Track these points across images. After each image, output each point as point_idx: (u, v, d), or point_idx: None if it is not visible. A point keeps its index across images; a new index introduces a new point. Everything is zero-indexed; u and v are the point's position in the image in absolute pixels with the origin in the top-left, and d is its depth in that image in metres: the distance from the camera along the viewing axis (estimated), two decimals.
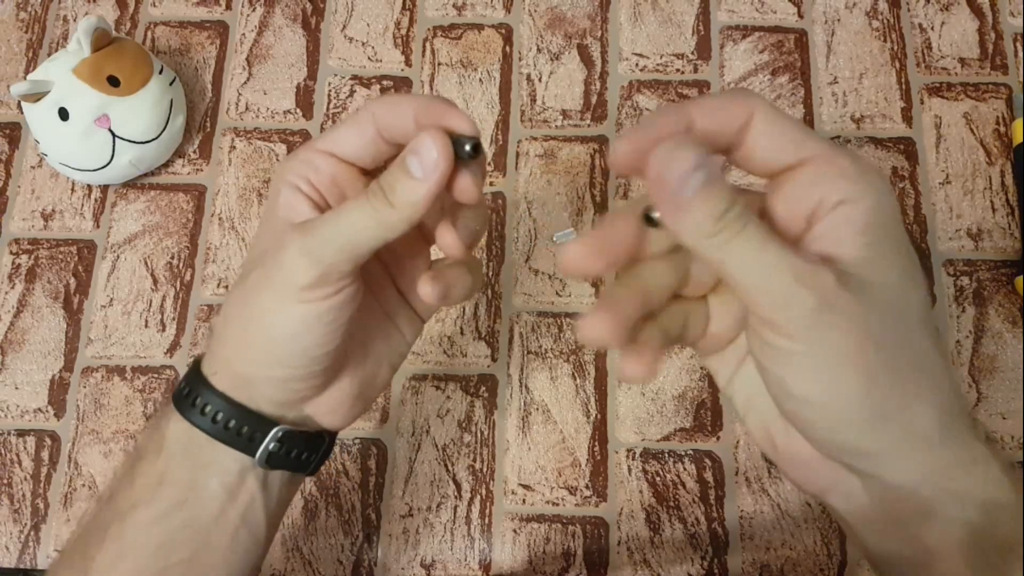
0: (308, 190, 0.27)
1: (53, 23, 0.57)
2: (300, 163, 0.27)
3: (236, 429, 0.28)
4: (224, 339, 0.28)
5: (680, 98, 0.54)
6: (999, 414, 0.47)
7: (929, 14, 0.55)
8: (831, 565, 0.45)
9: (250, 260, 0.28)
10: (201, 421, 0.28)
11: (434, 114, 0.25)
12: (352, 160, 0.27)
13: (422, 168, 0.25)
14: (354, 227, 0.25)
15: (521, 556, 0.46)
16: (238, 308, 0.27)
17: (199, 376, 0.28)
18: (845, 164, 0.22)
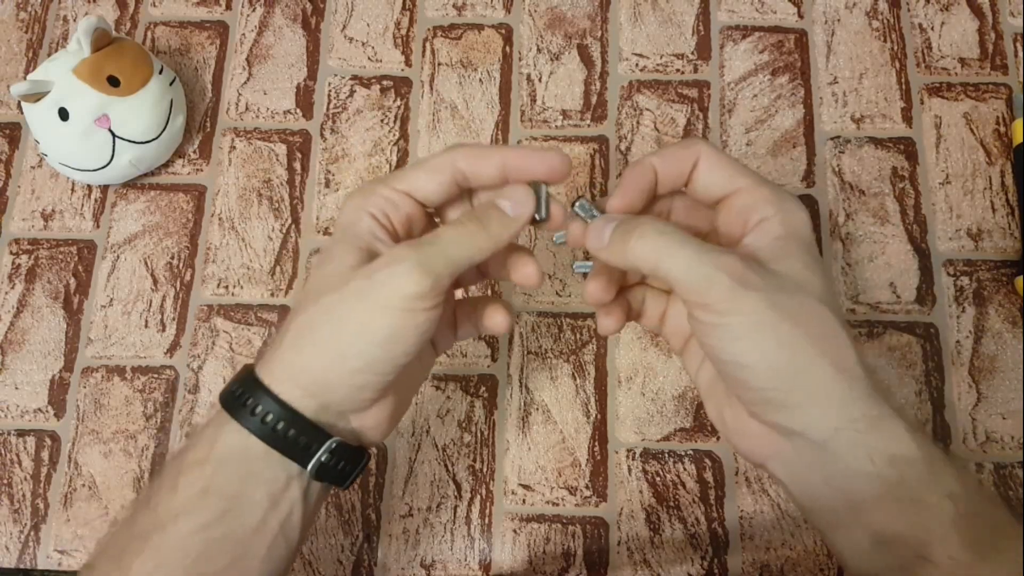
0: (387, 223, 0.31)
1: (53, 23, 0.57)
2: (383, 199, 0.30)
3: (294, 438, 0.28)
4: (302, 346, 0.29)
5: (680, 98, 0.54)
6: (999, 414, 0.47)
7: (929, 14, 0.55)
8: (831, 565, 0.45)
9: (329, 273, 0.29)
10: (259, 428, 0.28)
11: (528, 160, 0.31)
12: (423, 201, 0.31)
13: (512, 207, 0.30)
14: (458, 246, 0.29)
15: (521, 556, 0.46)
16: (330, 314, 0.28)
17: (257, 383, 0.29)
18: (766, 192, 0.30)
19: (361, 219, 0.30)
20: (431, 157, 0.31)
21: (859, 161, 0.52)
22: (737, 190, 0.30)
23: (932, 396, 0.48)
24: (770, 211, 0.29)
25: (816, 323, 0.27)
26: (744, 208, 0.30)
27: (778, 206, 0.29)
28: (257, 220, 0.52)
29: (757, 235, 0.29)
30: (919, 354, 0.49)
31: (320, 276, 0.30)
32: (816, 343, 0.27)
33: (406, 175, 0.31)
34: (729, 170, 0.30)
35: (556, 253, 0.51)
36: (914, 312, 0.49)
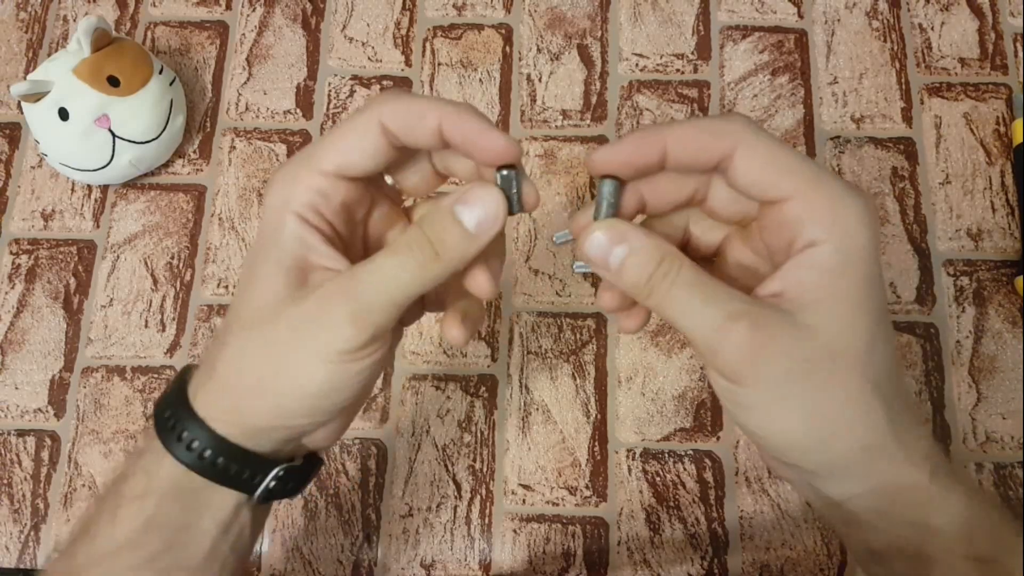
0: (319, 222, 0.25)
1: (53, 23, 0.57)
2: (306, 191, 0.25)
3: (237, 472, 0.26)
4: (232, 389, 0.26)
5: (680, 98, 0.54)
6: (999, 414, 0.47)
7: (929, 14, 0.55)
8: (831, 565, 0.45)
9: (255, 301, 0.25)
10: (199, 464, 0.26)
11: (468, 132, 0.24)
12: (360, 175, 0.25)
13: (477, 224, 0.24)
14: (399, 284, 0.24)
15: (521, 556, 0.46)
16: (261, 363, 0.25)
17: (192, 416, 0.26)
18: (819, 205, 0.23)
19: (285, 223, 0.25)
20: (353, 117, 0.25)
21: (859, 161, 0.52)
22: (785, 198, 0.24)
23: (932, 396, 0.48)
24: (821, 233, 0.23)
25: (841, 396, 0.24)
26: (790, 223, 0.24)
27: (833, 226, 0.23)
28: (257, 220, 0.52)
29: (800, 267, 0.24)
30: (919, 354, 0.49)
31: (247, 303, 0.26)
32: (836, 419, 0.24)
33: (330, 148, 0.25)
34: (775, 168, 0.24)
35: (556, 253, 0.51)
36: (914, 312, 0.49)
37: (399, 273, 0.24)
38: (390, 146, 0.25)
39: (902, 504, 0.25)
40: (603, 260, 0.25)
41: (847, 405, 0.24)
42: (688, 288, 0.24)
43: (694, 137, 0.25)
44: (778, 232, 0.25)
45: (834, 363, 0.23)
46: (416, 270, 0.24)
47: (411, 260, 0.24)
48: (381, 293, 0.24)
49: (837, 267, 0.23)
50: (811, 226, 0.24)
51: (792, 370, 0.23)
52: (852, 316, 0.24)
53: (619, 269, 0.25)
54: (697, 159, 0.25)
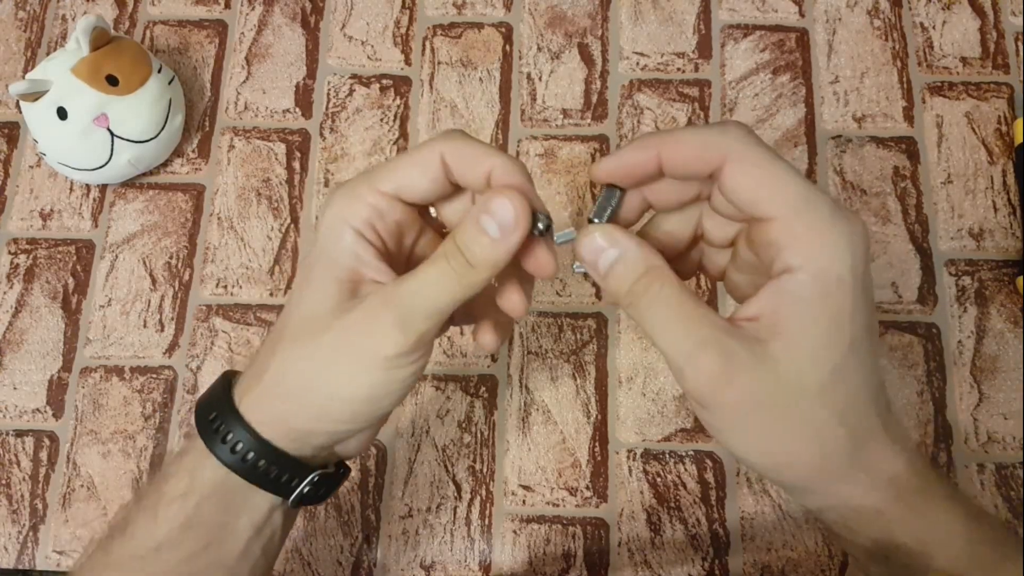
0: (373, 238, 0.27)
1: (52, 22, 0.57)
2: (365, 207, 0.26)
3: (276, 474, 0.28)
4: (279, 395, 0.27)
5: (681, 97, 0.54)
6: (1001, 414, 0.47)
7: (930, 13, 0.55)
8: (832, 566, 0.45)
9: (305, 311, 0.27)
10: (237, 463, 0.27)
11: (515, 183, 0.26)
12: (413, 201, 0.27)
13: (499, 228, 0.25)
14: (440, 292, 0.26)
15: (521, 557, 0.46)
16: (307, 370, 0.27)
17: (235, 414, 0.28)
18: (800, 231, 0.24)
19: (342, 236, 0.26)
20: (417, 149, 0.27)
21: (861, 160, 0.52)
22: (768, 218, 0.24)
23: (934, 396, 0.48)
24: (797, 261, 0.24)
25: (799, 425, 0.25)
26: (771, 244, 0.24)
27: (811, 254, 0.24)
28: (256, 220, 0.52)
29: (774, 293, 0.24)
30: (921, 354, 0.48)
31: (299, 312, 0.27)
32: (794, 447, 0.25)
33: (391, 172, 0.27)
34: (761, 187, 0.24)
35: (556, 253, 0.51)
36: (916, 312, 0.49)
37: (440, 280, 0.26)
38: (445, 179, 0.27)
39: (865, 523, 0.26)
40: (594, 261, 0.27)
41: (803, 435, 0.25)
42: (666, 306, 0.25)
43: (685, 149, 0.25)
44: (761, 250, 0.25)
45: (793, 396, 0.24)
46: (455, 278, 0.25)
47: (449, 269, 0.26)
48: (426, 299, 0.26)
49: (809, 298, 0.24)
50: (789, 252, 0.24)
51: (753, 401, 0.24)
52: (818, 349, 0.24)
53: (607, 273, 0.26)
54: (690, 169, 0.26)
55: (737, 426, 0.25)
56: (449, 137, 0.27)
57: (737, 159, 0.24)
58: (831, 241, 0.23)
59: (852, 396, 0.25)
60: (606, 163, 0.27)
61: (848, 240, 0.24)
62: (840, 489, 0.26)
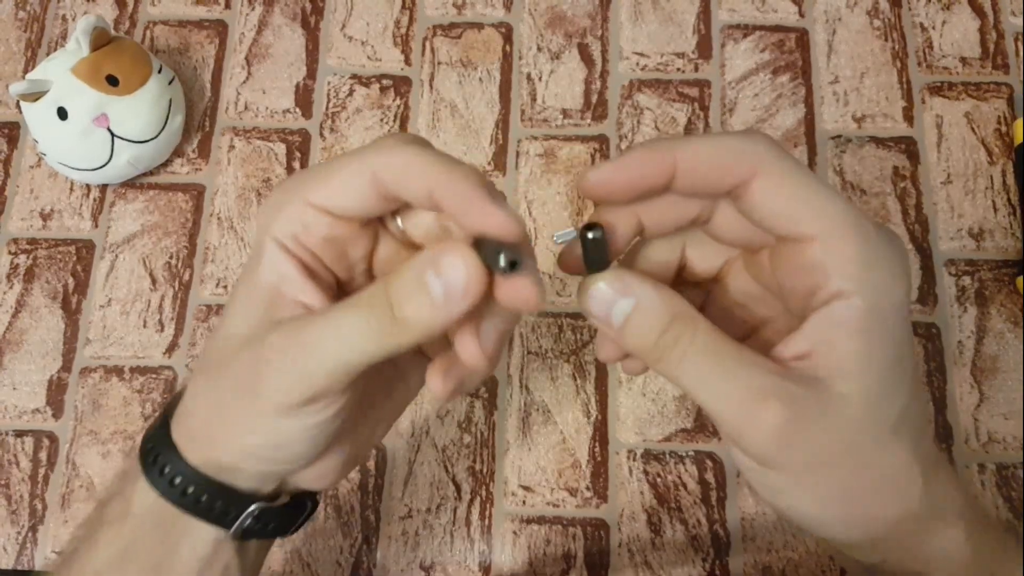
0: (297, 250, 0.23)
1: (52, 22, 0.57)
2: (288, 220, 0.23)
3: (208, 504, 0.24)
4: (195, 428, 0.25)
5: (681, 97, 0.54)
6: (1001, 415, 0.47)
7: (930, 13, 0.55)
8: (833, 567, 0.45)
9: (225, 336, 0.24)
10: (171, 493, 0.24)
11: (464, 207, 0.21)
12: (348, 216, 0.23)
13: (444, 292, 0.20)
14: (349, 346, 0.21)
15: (521, 558, 0.46)
16: (209, 410, 0.24)
17: (169, 443, 0.25)
18: (848, 253, 0.21)
19: (264, 250, 0.23)
20: (348, 157, 0.22)
21: (860, 161, 0.52)
22: (808, 237, 0.21)
23: (934, 396, 0.48)
24: (851, 285, 0.21)
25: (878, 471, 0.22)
26: (814, 267, 0.21)
27: (864, 279, 0.21)
28: (256, 220, 0.52)
29: (827, 324, 0.21)
30: (921, 354, 0.48)
31: (216, 336, 0.24)
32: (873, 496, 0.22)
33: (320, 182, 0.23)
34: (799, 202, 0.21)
35: (556, 253, 0.51)
36: (916, 312, 0.49)
37: (353, 332, 0.21)
38: (380, 196, 0.22)
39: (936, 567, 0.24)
40: (605, 316, 0.22)
41: (885, 481, 0.22)
42: (705, 356, 0.21)
43: (710, 157, 0.21)
44: (797, 274, 0.22)
45: (871, 438, 0.22)
46: (373, 333, 0.21)
47: (370, 320, 0.21)
48: (329, 352, 0.21)
49: (870, 328, 0.21)
50: (839, 277, 0.21)
51: (827, 451, 0.21)
52: (888, 383, 0.21)
53: (622, 327, 0.22)
54: (709, 183, 0.22)
55: (807, 484, 0.22)
56: (382, 148, 0.22)
57: (770, 171, 0.21)
58: (885, 265, 0.21)
59: (919, 426, 0.23)
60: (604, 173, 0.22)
61: (901, 263, 0.21)
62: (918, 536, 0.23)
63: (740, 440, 0.22)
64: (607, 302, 0.22)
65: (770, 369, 0.21)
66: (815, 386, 0.21)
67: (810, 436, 0.21)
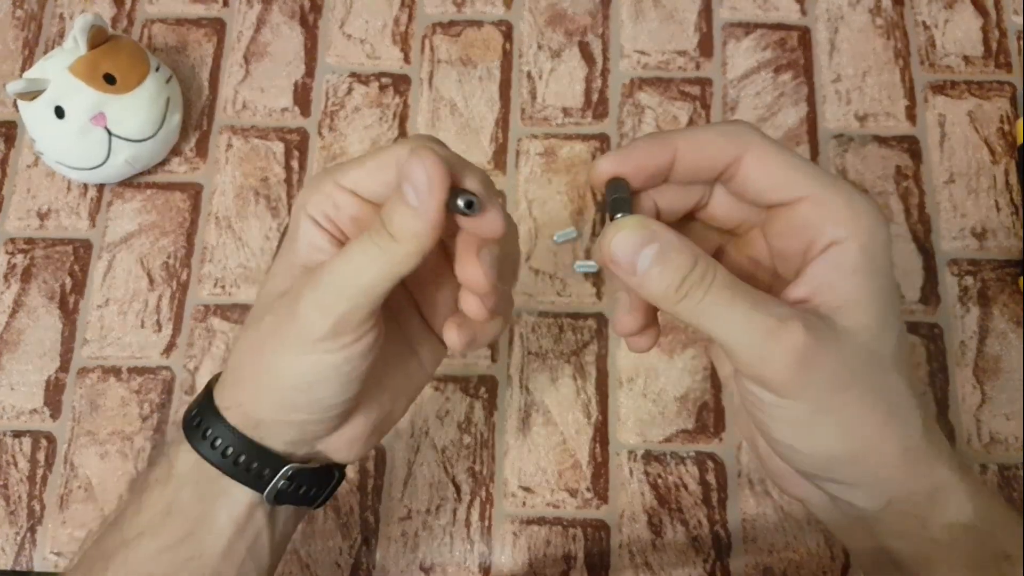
0: (329, 226, 0.26)
1: (49, 21, 0.57)
2: (321, 197, 0.26)
3: (245, 465, 0.27)
4: (237, 382, 0.27)
5: (683, 96, 0.53)
6: (1003, 415, 0.47)
7: (933, 12, 0.55)
8: (834, 568, 0.45)
9: (265, 295, 0.27)
10: (211, 454, 0.27)
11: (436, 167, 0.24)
12: (373, 200, 0.26)
13: (416, 195, 0.23)
14: (361, 270, 0.24)
15: (521, 559, 0.46)
16: (252, 355, 0.27)
17: (211, 407, 0.28)
18: (837, 205, 0.23)
19: (299, 224, 0.26)
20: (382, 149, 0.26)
21: (863, 159, 0.52)
22: (799, 199, 0.24)
23: (936, 397, 0.47)
24: (843, 232, 0.23)
25: (887, 398, 0.24)
26: (808, 225, 0.24)
27: (854, 224, 0.23)
28: (254, 219, 0.52)
29: (826, 267, 0.23)
30: (923, 354, 0.48)
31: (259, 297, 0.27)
32: (882, 425, 0.24)
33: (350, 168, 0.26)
34: (788, 171, 0.24)
35: (557, 253, 0.50)
36: (918, 312, 0.49)
37: (359, 259, 0.24)
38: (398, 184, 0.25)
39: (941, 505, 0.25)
40: (630, 263, 0.23)
41: (891, 410, 0.24)
42: (729, 291, 0.22)
43: (706, 141, 0.24)
44: (792, 235, 0.24)
45: (875, 366, 0.23)
46: (376, 252, 0.24)
47: (369, 243, 0.24)
48: (346, 278, 0.24)
49: (865, 266, 0.23)
50: (832, 226, 0.23)
51: (840, 378, 0.23)
52: (885, 317, 0.23)
53: (647, 273, 0.23)
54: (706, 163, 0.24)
55: (819, 414, 0.23)
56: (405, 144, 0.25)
57: (757, 149, 0.24)
58: (866, 211, 0.23)
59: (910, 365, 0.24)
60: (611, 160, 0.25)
61: (878, 212, 0.24)
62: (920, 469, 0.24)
63: (763, 367, 0.22)
64: (632, 247, 0.22)
65: (787, 303, 0.23)
66: (828, 320, 0.23)
67: (826, 362, 0.22)
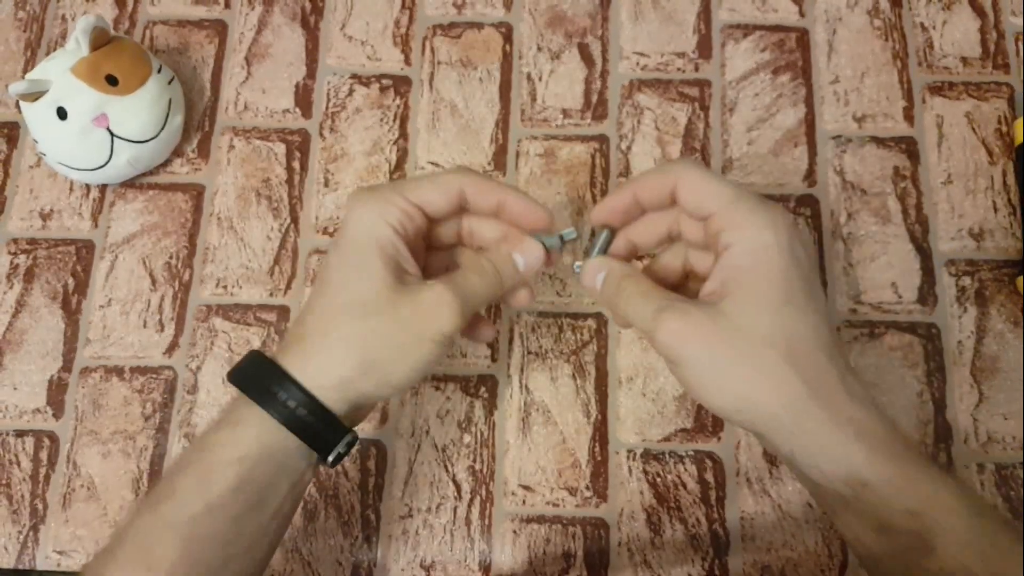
0: (405, 237, 0.33)
1: (51, 22, 0.57)
2: (398, 210, 0.33)
3: (321, 431, 0.32)
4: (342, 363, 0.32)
5: (682, 97, 0.54)
6: (1001, 415, 0.47)
7: (931, 13, 0.55)
8: (832, 566, 0.45)
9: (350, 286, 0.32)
10: (291, 419, 0.31)
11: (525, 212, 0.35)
12: (430, 215, 0.35)
13: (525, 265, 0.35)
14: (483, 291, 0.34)
15: (521, 557, 0.46)
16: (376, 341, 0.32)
17: (292, 382, 0.31)
18: (732, 218, 0.31)
19: (383, 230, 0.32)
20: (440, 175, 0.34)
21: (861, 160, 0.52)
22: (711, 214, 0.32)
23: (934, 396, 0.48)
24: (733, 238, 0.31)
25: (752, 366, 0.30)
26: (715, 233, 0.32)
27: (741, 231, 0.31)
28: (256, 220, 0.52)
29: (719, 269, 0.31)
30: (921, 354, 0.48)
31: (350, 292, 0.32)
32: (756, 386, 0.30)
33: (418, 188, 0.34)
34: (705, 193, 0.32)
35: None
36: (916, 312, 0.49)
37: (480, 284, 0.34)
38: (458, 204, 0.35)
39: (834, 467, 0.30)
40: (592, 283, 0.36)
41: (759, 376, 0.30)
42: (635, 289, 0.34)
43: (650, 178, 0.34)
44: (711, 242, 0.33)
45: (744, 341, 0.30)
46: (489, 285, 0.34)
47: (487, 278, 0.34)
48: (476, 295, 0.33)
49: (744, 264, 0.31)
50: (726, 234, 0.31)
51: (713, 351, 0.30)
52: (758, 302, 0.30)
53: (601, 287, 0.36)
54: (656, 193, 0.35)
55: (705, 375, 0.31)
56: (466, 170, 0.35)
57: (686, 177, 0.33)
58: (755, 221, 0.31)
59: (797, 343, 0.30)
60: (598, 209, 0.36)
61: (770, 220, 0.31)
62: (807, 426, 0.30)
63: (653, 343, 0.31)
64: (593, 273, 0.36)
65: (675, 296, 0.32)
66: (709, 307, 0.31)
67: (699, 336, 0.30)
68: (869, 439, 0.30)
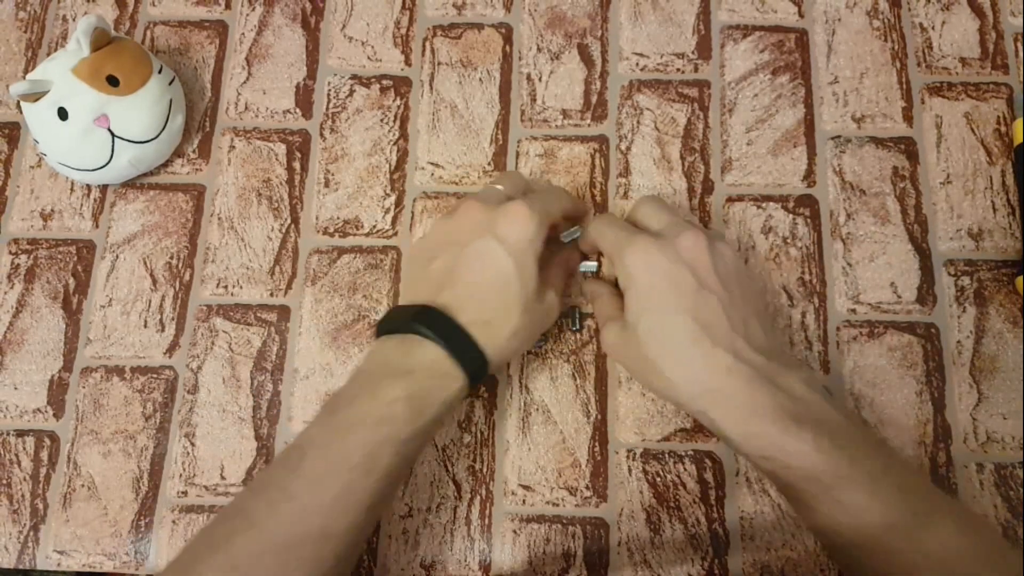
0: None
1: (52, 23, 0.57)
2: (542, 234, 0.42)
3: (472, 357, 0.39)
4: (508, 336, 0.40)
5: (681, 98, 0.54)
6: (1000, 414, 0.47)
7: (930, 14, 0.55)
8: (831, 566, 0.45)
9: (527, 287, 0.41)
10: (455, 346, 0.39)
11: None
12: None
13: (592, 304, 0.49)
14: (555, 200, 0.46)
15: (521, 557, 0.46)
16: (529, 326, 0.42)
17: (465, 335, 0.39)
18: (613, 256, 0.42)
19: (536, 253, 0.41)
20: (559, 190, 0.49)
21: (860, 161, 0.52)
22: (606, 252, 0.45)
23: (933, 396, 0.48)
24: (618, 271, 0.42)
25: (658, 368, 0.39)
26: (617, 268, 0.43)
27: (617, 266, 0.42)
28: (256, 220, 0.52)
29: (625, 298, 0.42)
30: (920, 354, 0.48)
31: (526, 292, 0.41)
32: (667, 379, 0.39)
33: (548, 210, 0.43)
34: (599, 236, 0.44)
35: None
36: (915, 312, 0.49)
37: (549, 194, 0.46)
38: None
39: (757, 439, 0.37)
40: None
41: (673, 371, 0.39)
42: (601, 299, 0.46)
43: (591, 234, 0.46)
44: None
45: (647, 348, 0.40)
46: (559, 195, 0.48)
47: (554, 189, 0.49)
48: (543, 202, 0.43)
49: (624, 286, 0.41)
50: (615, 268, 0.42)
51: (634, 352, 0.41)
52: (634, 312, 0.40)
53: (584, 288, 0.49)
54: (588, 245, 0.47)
55: (636, 368, 0.42)
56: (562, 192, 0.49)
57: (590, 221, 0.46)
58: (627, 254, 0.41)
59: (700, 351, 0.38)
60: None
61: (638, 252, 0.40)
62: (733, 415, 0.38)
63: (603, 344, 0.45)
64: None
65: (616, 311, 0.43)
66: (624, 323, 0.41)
67: (621, 344, 0.42)
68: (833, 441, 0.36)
